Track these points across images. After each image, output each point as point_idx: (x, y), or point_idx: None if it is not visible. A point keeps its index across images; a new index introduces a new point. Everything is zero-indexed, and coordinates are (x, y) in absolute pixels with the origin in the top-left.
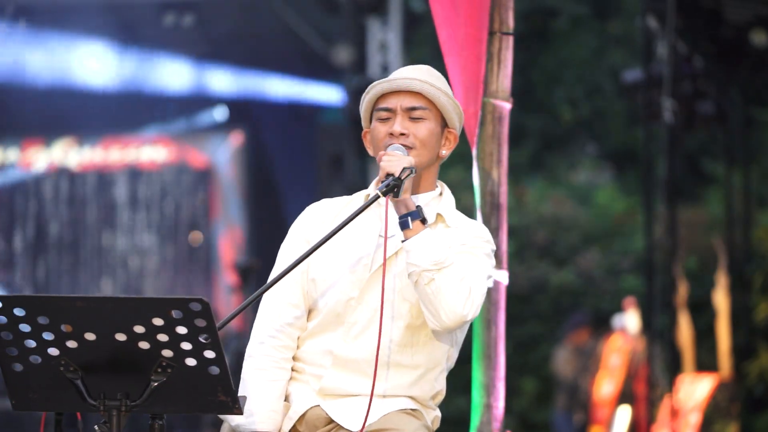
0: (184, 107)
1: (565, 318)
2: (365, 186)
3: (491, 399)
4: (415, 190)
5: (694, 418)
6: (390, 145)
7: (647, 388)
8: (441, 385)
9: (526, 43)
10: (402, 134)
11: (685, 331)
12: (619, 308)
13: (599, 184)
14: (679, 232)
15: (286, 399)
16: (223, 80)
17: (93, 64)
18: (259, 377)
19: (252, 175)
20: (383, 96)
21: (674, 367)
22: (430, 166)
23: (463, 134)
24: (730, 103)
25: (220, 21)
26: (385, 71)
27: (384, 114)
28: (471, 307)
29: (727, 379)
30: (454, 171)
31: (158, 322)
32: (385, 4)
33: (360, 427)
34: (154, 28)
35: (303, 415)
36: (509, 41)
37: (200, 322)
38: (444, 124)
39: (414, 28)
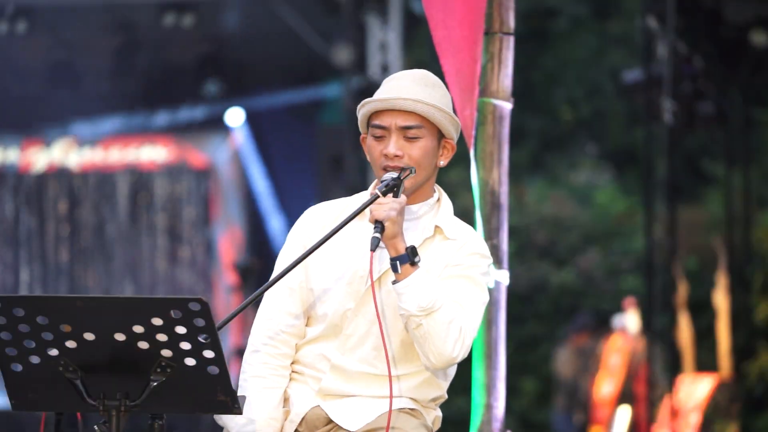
0: (185, 108)
1: (566, 318)
2: (365, 186)
3: (491, 399)
4: (413, 200)
5: (694, 418)
6: (384, 167)
7: (647, 388)
8: (443, 389)
9: (526, 44)
10: (396, 156)
11: (685, 331)
12: (619, 308)
13: (599, 184)
14: (679, 232)
15: (286, 401)
16: (222, 80)
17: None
18: (257, 385)
19: (252, 175)
20: (378, 111)
21: (674, 367)
22: (428, 179)
23: (461, 135)
24: (730, 103)
25: (220, 21)
26: (385, 71)
27: (378, 132)
28: (461, 349)
29: (727, 379)
30: (454, 171)
31: (157, 321)
32: (385, 4)
33: (358, 426)
34: (154, 28)
35: (304, 417)
36: (510, 41)
37: (199, 322)
38: (441, 135)
39: (414, 28)
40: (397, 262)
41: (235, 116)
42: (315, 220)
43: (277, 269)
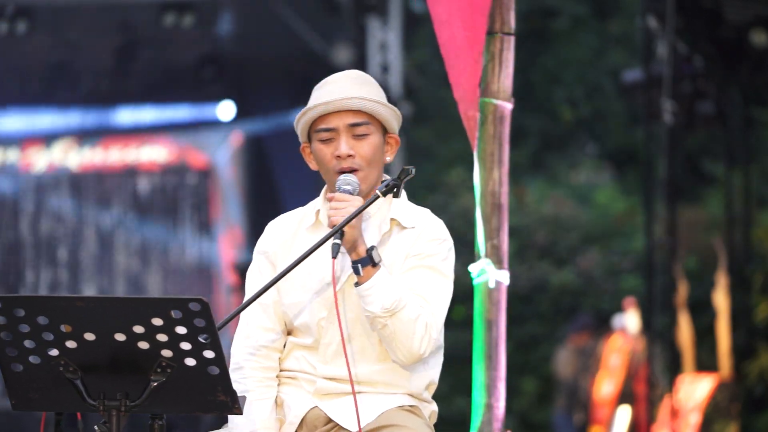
0: (185, 108)
1: (566, 318)
2: None
3: (492, 399)
4: (364, 199)
5: (694, 418)
6: (339, 169)
7: (647, 388)
8: (434, 375)
9: (526, 43)
10: (349, 155)
11: (685, 331)
12: (619, 308)
13: (599, 184)
14: (679, 232)
15: (280, 408)
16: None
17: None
18: (247, 399)
19: (252, 175)
20: (323, 116)
21: (674, 367)
22: (379, 176)
23: (465, 134)
24: (730, 103)
25: (220, 21)
26: (385, 71)
27: (326, 135)
28: (428, 344)
29: (727, 379)
30: (454, 171)
31: (158, 322)
32: (385, 4)
33: (359, 427)
34: (154, 28)
35: (303, 418)
36: (510, 41)
37: (200, 322)
38: (384, 130)
39: (414, 28)
40: (359, 265)
41: (226, 110)
42: (275, 233)
43: (248, 287)
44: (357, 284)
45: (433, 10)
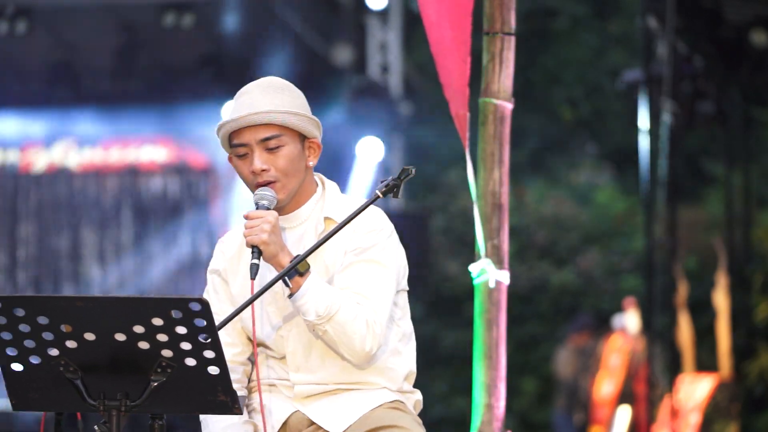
0: (185, 108)
1: (566, 318)
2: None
3: (492, 399)
4: (296, 205)
5: (694, 418)
6: (256, 184)
7: (647, 388)
8: (411, 364)
9: (526, 43)
10: (263, 170)
11: (685, 331)
12: (619, 308)
13: (599, 184)
14: (679, 232)
15: (257, 412)
16: (223, 80)
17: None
18: (220, 423)
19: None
20: (236, 130)
21: (674, 367)
22: (303, 181)
23: (458, 137)
24: (730, 103)
25: (220, 21)
26: (385, 71)
27: (241, 150)
28: (373, 341)
29: (727, 379)
30: (454, 171)
31: (158, 322)
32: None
33: (342, 428)
34: (154, 28)
35: (285, 423)
36: (511, 41)
37: (200, 322)
38: (302, 137)
39: (414, 28)
40: (286, 278)
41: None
42: (223, 251)
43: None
44: (289, 296)
45: (423, 12)
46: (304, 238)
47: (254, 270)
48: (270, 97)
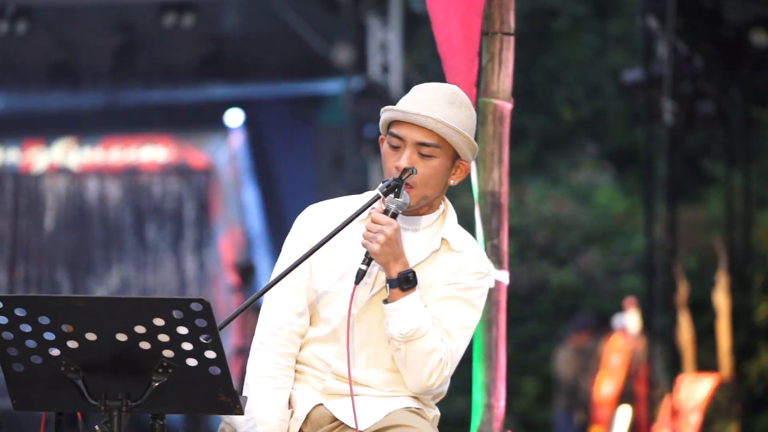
0: (185, 108)
1: (566, 318)
2: (365, 186)
3: (492, 399)
4: (418, 211)
5: (695, 418)
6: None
7: (647, 388)
8: (444, 388)
9: (526, 43)
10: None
11: (685, 331)
12: (619, 308)
13: (599, 184)
14: (679, 232)
15: (290, 401)
16: (223, 80)
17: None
18: (267, 385)
19: (252, 175)
20: (397, 121)
21: (674, 367)
22: (437, 195)
23: None
24: (730, 103)
25: (220, 21)
26: (385, 71)
27: (395, 141)
28: (438, 379)
29: (728, 379)
30: None
31: (159, 322)
32: (385, 4)
33: (365, 426)
34: (155, 28)
35: (308, 415)
36: (510, 41)
37: (201, 323)
38: (456, 155)
39: (414, 28)
40: (388, 285)
41: (234, 117)
42: (317, 218)
43: (278, 269)
44: (385, 301)
45: (431, 10)
46: (415, 244)
47: (360, 275)
48: (445, 107)
